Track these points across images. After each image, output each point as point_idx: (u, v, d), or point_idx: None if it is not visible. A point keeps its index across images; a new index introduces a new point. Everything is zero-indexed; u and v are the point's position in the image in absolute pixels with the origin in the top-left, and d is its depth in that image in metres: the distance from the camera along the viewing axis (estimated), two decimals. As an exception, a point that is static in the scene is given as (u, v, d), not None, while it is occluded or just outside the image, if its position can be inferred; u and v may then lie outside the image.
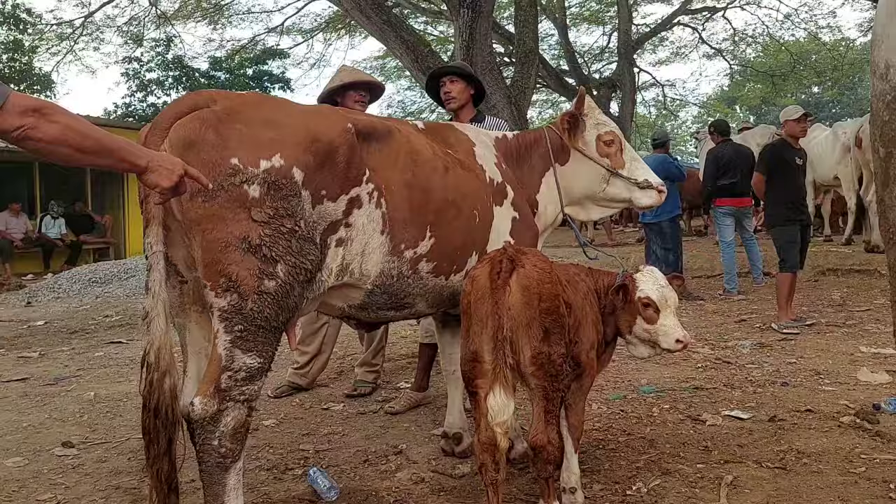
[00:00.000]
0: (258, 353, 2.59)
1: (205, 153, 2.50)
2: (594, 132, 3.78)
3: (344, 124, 2.87)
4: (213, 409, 2.52)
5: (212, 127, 2.54)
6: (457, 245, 3.29)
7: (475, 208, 3.37)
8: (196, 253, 2.55)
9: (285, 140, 2.63)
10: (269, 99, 3.07)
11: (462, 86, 4.79)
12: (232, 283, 2.50)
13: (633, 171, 3.79)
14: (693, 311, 8.19)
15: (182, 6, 25.66)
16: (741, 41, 31.65)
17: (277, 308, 2.60)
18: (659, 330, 3.20)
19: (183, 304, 2.79)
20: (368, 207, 2.89)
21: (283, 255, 2.57)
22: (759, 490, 3.30)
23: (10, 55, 27.99)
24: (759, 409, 4.46)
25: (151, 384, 2.50)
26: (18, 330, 8.96)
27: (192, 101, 2.65)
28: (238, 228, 2.50)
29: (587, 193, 3.85)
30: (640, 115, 35.72)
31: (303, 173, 2.63)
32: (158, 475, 2.54)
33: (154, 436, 2.52)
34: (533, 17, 17.45)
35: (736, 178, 8.95)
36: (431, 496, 3.38)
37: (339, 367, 6.07)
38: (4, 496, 3.54)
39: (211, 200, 2.49)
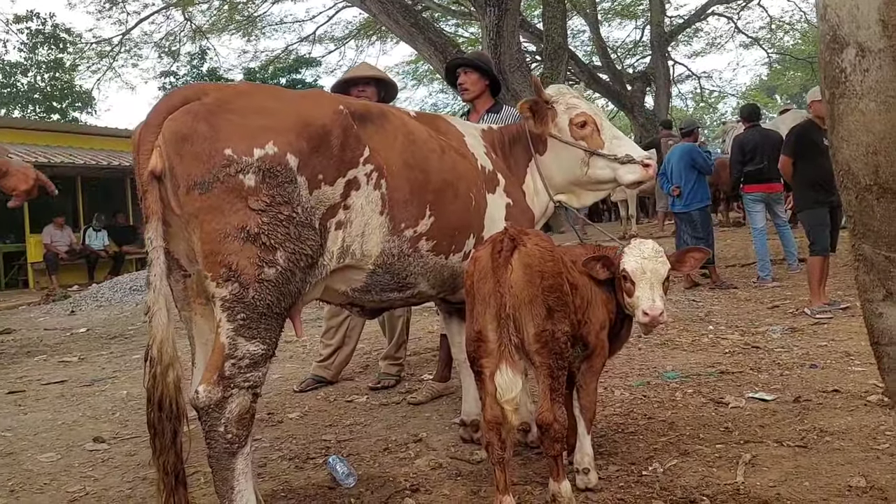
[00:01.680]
0: (261, 339, 2.61)
1: (198, 146, 2.51)
2: (566, 117, 3.71)
3: (335, 107, 2.87)
4: (218, 396, 2.55)
5: (203, 119, 2.54)
6: (455, 225, 3.31)
7: (471, 191, 3.40)
8: (196, 245, 2.58)
9: (278, 127, 2.63)
10: (261, 87, 3.08)
11: (475, 77, 4.82)
12: (232, 272, 2.52)
13: (614, 148, 3.68)
14: (726, 298, 8.09)
15: (216, 20, 26.16)
16: (778, 28, 31.13)
17: (279, 294, 2.62)
18: (633, 303, 3.14)
19: (187, 296, 2.84)
20: (367, 189, 2.90)
21: (282, 242, 2.58)
22: (777, 467, 3.26)
23: (51, 74, 28.84)
24: (784, 391, 4.40)
25: (155, 378, 2.52)
26: (61, 337, 9.25)
27: (183, 96, 2.65)
28: (236, 218, 2.51)
29: (571, 179, 3.79)
30: (677, 108, 35.30)
31: (297, 159, 2.64)
32: (165, 467, 2.56)
33: (159, 429, 2.53)
34: (561, 12, 17.40)
35: (763, 164, 8.78)
36: (448, 481, 3.40)
37: (364, 362, 6.14)
38: (36, 488, 3.66)
39: (208, 192, 2.50)
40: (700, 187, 9.19)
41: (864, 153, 2.03)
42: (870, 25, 1.95)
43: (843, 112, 2.03)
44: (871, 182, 2.04)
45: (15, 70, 28.64)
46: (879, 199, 2.03)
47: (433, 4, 23.39)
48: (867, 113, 2.00)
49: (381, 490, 3.33)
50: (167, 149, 2.53)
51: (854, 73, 1.98)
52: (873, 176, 2.03)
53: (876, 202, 2.04)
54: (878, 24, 1.94)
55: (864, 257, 2.15)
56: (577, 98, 3.77)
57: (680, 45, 31.97)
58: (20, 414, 5.20)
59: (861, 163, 2.05)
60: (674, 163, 9.32)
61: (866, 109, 2.00)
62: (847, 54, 1.99)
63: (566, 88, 3.84)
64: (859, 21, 1.98)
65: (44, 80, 29.02)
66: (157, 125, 2.56)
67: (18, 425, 4.86)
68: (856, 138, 2.03)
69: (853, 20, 1.99)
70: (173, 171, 2.53)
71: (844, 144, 2.06)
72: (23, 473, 3.88)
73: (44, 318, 11.47)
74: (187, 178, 2.51)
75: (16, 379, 6.59)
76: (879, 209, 2.04)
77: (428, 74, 30.86)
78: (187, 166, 2.51)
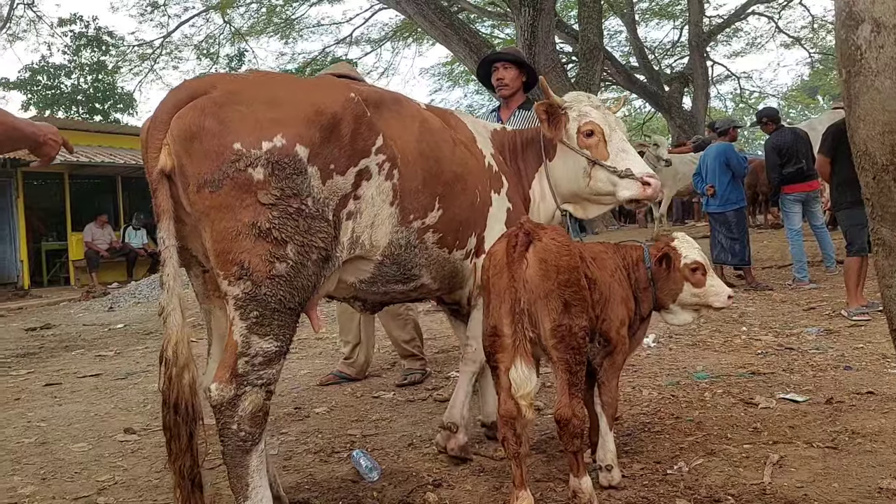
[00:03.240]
0: (274, 336, 2.57)
1: (207, 142, 2.45)
2: (575, 124, 3.60)
3: (347, 94, 2.80)
4: (231, 394, 2.51)
5: (211, 114, 2.48)
6: (461, 219, 3.27)
7: (477, 187, 3.36)
8: (207, 243, 2.53)
9: (287, 117, 2.56)
10: (272, 76, 3.02)
11: (515, 72, 4.79)
12: (245, 270, 2.47)
13: (618, 161, 3.54)
14: (761, 300, 7.96)
15: (255, 23, 26.52)
16: (820, 28, 30.51)
17: (291, 290, 2.57)
18: (709, 291, 3.25)
19: (206, 291, 2.84)
20: (378, 178, 2.84)
21: (291, 236, 2.52)
22: (805, 468, 3.20)
23: (94, 76, 29.41)
24: (816, 393, 4.31)
25: (170, 380, 2.49)
26: (99, 332, 9.44)
27: (192, 89, 2.59)
28: (246, 215, 2.46)
29: (574, 188, 3.68)
30: (716, 109, 34.85)
31: (307, 149, 2.57)
32: (181, 471, 2.51)
33: (175, 432, 2.49)
34: (597, 12, 17.30)
35: (802, 164, 8.61)
36: (471, 476, 3.40)
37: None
38: (67, 477, 3.74)
39: (219, 190, 2.45)
40: (735, 188, 9.05)
41: (881, 132, 1.97)
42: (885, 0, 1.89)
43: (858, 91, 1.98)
44: (888, 162, 1.98)
45: (59, 72, 29.28)
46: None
47: (468, 5, 23.40)
48: (883, 91, 1.94)
49: (403, 484, 3.33)
50: (176, 147, 2.48)
51: (869, 50, 1.93)
52: (890, 156, 1.97)
53: (893, 183, 1.99)
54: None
55: (883, 241, 2.10)
56: (591, 106, 3.64)
57: (719, 45, 31.58)
58: (55, 405, 5.32)
59: (878, 143, 1.99)
60: (709, 162, 9.19)
61: (882, 87, 1.94)
62: (862, 31, 1.93)
63: (584, 96, 3.74)
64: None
65: (87, 82, 29.63)
66: (166, 122, 2.51)
67: (53, 416, 4.97)
68: (872, 117, 1.97)
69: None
70: (183, 169, 2.49)
71: (861, 124, 2.00)
72: (55, 462, 3.96)
73: (83, 314, 11.73)
74: (198, 177, 2.46)
75: (53, 372, 6.75)
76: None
77: (463, 76, 30.89)
78: (197, 164, 2.47)
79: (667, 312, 3.41)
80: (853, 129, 2.06)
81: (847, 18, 1.98)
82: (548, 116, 3.61)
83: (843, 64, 2.02)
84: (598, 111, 3.64)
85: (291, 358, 6.57)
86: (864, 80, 1.96)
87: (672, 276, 3.29)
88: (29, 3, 23.37)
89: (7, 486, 3.64)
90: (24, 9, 23.63)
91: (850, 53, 1.98)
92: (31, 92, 29.21)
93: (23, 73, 28.78)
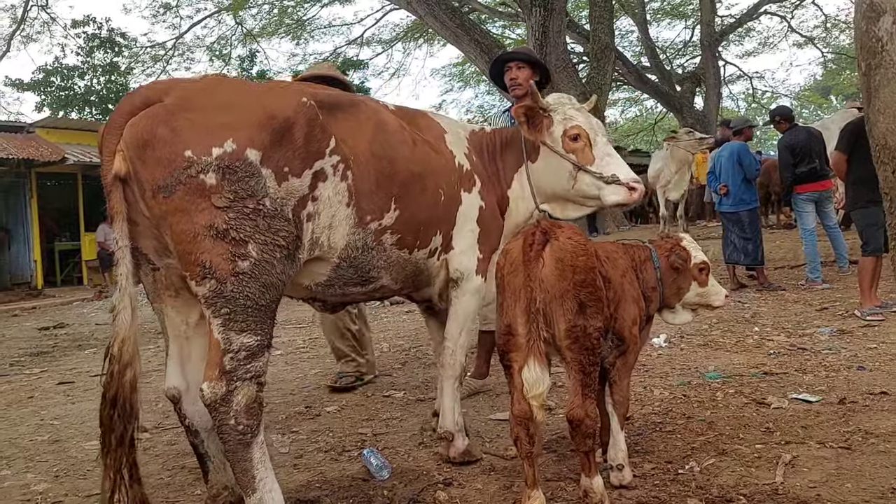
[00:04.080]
0: (252, 331, 2.62)
1: (159, 150, 2.51)
2: (561, 127, 3.59)
3: (299, 98, 2.82)
4: (222, 391, 2.56)
5: (162, 122, 2.53)
6: (421, 219, 3.29)
7: (440, 187, 3.37)
8: (171, 246, 2.60)
9: (238, 123, 2.61)
10: (225, 82, 3.04)
11: (528, 72, 4.76)
12: (207, 269, 2.53)
13: (603, 166, 3.54)
14: (773, 300, 7.92)
15: (266, 24, 26.61)
16: (834, 27, 30.33)
17: (259, 286, 2.61)
18: (710, 290, 3.33)
19: (157, 290, 2.88)
20: (334, 180, 2.88)
21: (251, 235, 2.57)
22: (818, 469, 3.18)
23: (107, 77, 29.56)
24: (829, 393, 4.28)
25: (112, 375, 2.56)
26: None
27: (144, 96, 2.65)
28: (202, 217, 2.51)
29: (557, 190, 3.69)
30: (728, 108, 34.66)
31: (259, 153, 2.61)
32: (114, 464, 2.60)
33: (108, 426, 2.58)
34: (608, 12, 17.24)
35: (815, 163, 8.54)
36: (481, 476, 3.39)
37: (403, 358, 6.17)
38: (80, 474, 3.77)
39: (172, 195, 2.51)
40: (748, 187, 8.99)
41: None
42: None
43: (879, 83, 1.97)
44: None
45: (72, 73, 29.44)
46: None
47: (479, 6, 23.38)
48: None
49: (414, 483, 3.34)
50: (130, 153, 2.54)
51: (891, 42, 1.92)
52: None
53: None
54: None
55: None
56: (576, 110, 3.64)
57: (731, 44, 31.41)
58: (68, 403, 5.36)
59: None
60: (722, 161, 9.15)
61: None
62: (884, 22, 1.93)
63: (566, 98, 3.74)
64: None
65: (100, 83, 29.78)
66: (119, 128, 2.57)
67: (66, 414, 5.01)
68: (893, 110, 1.97)
69: None
70: (137, 175, 2.55)
71: (881, 117, 2.00)
72: (67, 460, 3.99)
73: (96, 314, 11.81)
74: (151, 183, 2.52)
75: (66, 370, 6.80)
76: None
77: (474, 76, 30.88)
78: (150, 171, 2.52)
79: (668, 312, 3.43)
80: (872, 122, 2.06)
81: (868, 10, 1.97)
82: (527, 119, 3.61)
83: (864, 56, 2.02)
84: (582, 115, 3.65)
85: (302, 357, 6.61)
86: (884, 72, 1.96)
87: (682, 276, 3.30)
88: (43, 5, 23.52)
89: (20, 483, 3.67)
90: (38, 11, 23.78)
91: (871, 46, 1.98)
92: (45, 93, 29.40)
93: (36, 74, 28.96)
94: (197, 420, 2.91)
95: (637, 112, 39.10)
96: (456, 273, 3.54)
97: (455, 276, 3.55)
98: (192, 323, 2.91)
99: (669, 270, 3.29)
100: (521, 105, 3.65)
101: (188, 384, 2.89)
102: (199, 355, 2.86)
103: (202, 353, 2.83)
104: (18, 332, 10.07)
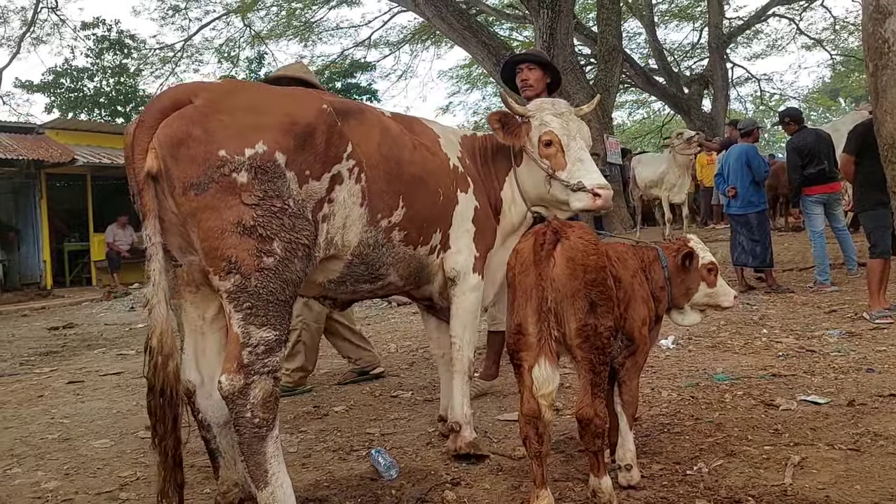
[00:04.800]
0: (271, 326, 2.68)
1: (193, 149, 2.59)
2: (537, 133, 3.66)
3: (320, 105, 2.94)
4: (240, 384, 2.62)
5: (197, 123, 2.62)
6: (424, 216, 3.41)
7: (439, 186, 3.50)
8: (196, 243, 2.66)
9: (266, 125, 2.71)
10: (246, 85, 3.19)
11: (539, 74, 4.82)
12: (233, 264, 2.60)
13: (572, 172, 3.57)
14: (782, 302, 7.90)
15: (275, 26, 26.68)
16: (842, 30, 30.23)
17: (281, 282, 2.69)
18: (719, 291, 3.34)
19: (177, 286, 2.93)
20: (349, 182, 2.99)
21: (277, 233, 2.66)
22: (827, 470, 3.17)
23: (116, 78, 29.68)
24: (838, 395, 4.28)
25: (155, 367, 2.62)
26: (121, 332, 9.55)
27: (174, 97, 2.72)
28: (231, 214, 2.60)
29: (538, 195, 3.77)
30: (736, 111, 34.55)
31: (285, 156, 2.71)
32: (165, 451, 2.67)
33: (160, 416, 2.64)
34: (616, 14, 17.23)
35: (824, 165, 8.51)
36: (489, 475, 3.40)
37: (411, 359, 6.18)
38: (90, 472, 3.79)
39: (204, 192, 2.59)
40: (757, 189, 8.96)
41: None
42: None
43: (886, 84, 2.00)
44: None
45: (82, 75, 29.56)
46: None
47: (487, 8, 23.40)
48: None
49: (422, 483, 3.35)
50: (162, 152, 2.60)
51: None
52: None
53: None
54: None
55: None
56: (553, 114, 3.67)
57: (739, 47, 31.35)
58: (78, 402, 5.39)
59: None
60: (731, 163, 9.12)
61: None
62: (890, 24, 1.96)
63: (548, 103, 3.77)
64: None
65: (109, 85, 29.90)
66: (152, 127, 2.64)
67: (76, 413, 5.03)
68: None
69: None
70: (169, 173, 2.62)
71: (888, 117, 2.03)
72: (77, 458, 4.01)
73: (105, 314, 11.86)
74: (183, 180, 2.59)
75: (76, 370, 6.83)
76: None
77: (482, 78, 30.88)
78: (183, 169, 2.60)
79: (677, 312, 3.44)
80: (880, 122, 2.08)
81: (874, 11, 2.00)
82: (501, 125, 3.69)
83: (871, 57, 2.04)
84: (560, 119, 3.68)
85: (310, 358, 6.60)
86: (891, 72, 1.99)
87: (691, 276, 3.31)
88: (53, 8, 23.62)
89: (31, 480, 3.69)
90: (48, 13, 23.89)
91: (878, 46, 2.01)
92: (55, 94, 29.54)
93: (46, 75, 29.09)
94: (210, 414, 2.97)
95: (644, 114, 39.08)
96: (452, 272, 3.63)
97: (452, 274, 3.64)
98: (209, 318, 2.98)
99: (677, 271, 3.30)
100: (494, 112, 3.76)
101: (203, 378, 2.96)
102: (215, 350, 2.97)
103: (217, 349, 2.94)
104: (28, 332, 10.12)
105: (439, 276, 3.66)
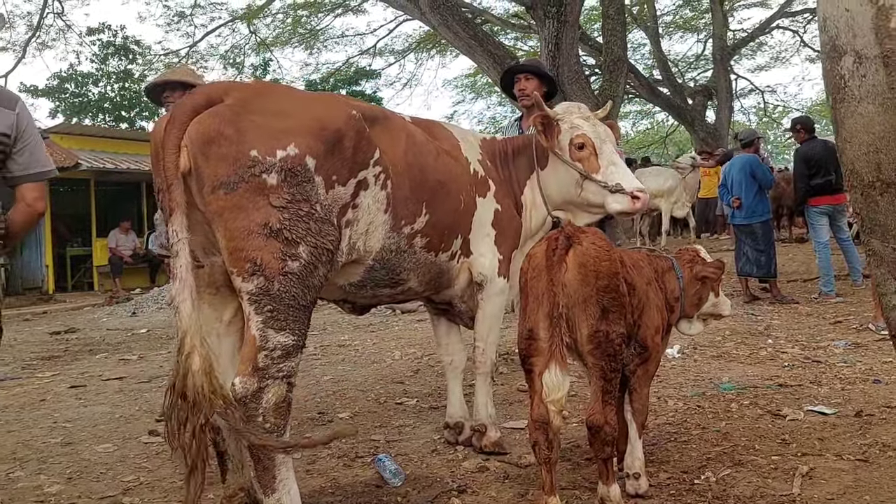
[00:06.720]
0: (290, 331, 2.67)
1: (225, 148, 2.59)
2: (567, 136, 3.69)
3: (349, 111, 2.95)
4: (254, 387, 2.59)
5: (229, 122, 2.62)
6: (446, 223, 3.43)
7: (461, 193, 3.52)
8: (220, 242, 2.65)
9: (297, 129, 2.71)
10: (276, 88, 3.21)
11: (536, 83, 4.90)
12: (257, 266, 2.59)
13: (608, 175, 3.63)
14: (786, 313, 7.88)
15: (280, 33, 26.74)
16: (846, 43, 30.23)
17: (303, 287, 2.68)
18: (721, 300, 3.39)
19: (198, 286, 2.86)
20: (374, 188, 2.99)
21: (303, 237, 2.65)
22: (835, 481, 3.15)
23: (121, 84, 29.76)
24: (845, 405, 4.26)
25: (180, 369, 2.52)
26: (123, 336, 9.54)
27: (207, 96, 2.72)
28: (259, 215, 2.59)
29: (566, 197, 3.79)
30: (740, 122, 34.55)
31: (314, 160, 2.71)
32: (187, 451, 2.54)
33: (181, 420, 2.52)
34: (621, 24, 17.23)
35: (831, 176, 8.50)
36: (495, 483, 3.38)
37: (415, 366, 6.16)
38: (93, 477, 3.77)
39: (233, 192, 2.58)
40: (761, 199, 8.97)
41: (866, 152, 2.17)
42: (865, 34, 2.10)
43: (844, 115, 2.18)
44: (874, 179, 2.17)
45: (87, 80, 29.64)
46: (883, 195, 2.16)
47: (492, 17, 23.43)
48: (866, 115, 2.14)
49: (427, 490, 3.33)
50: (193, 149, 2.60)
51: (852, 79, 2.16)
52: (875, 173, 2.16)
53: (880, 197, 2.17)
54: (871, 31, 2.08)
55: (875, 252, 2.27)
56: (583, 118, 3.72)
57: (743, 58, 31.35)
58: (81, 407, 5.37)
59: (864, 161, 2.19)
60: (734, 174, 9.12)
61: (865, 112, 2.14)
62: (845, 62, 2.16)
63: (575, 107, 3.81)
64: (855, 30, 2.13)
65: (113, 90, 29.98)
66: (183, 124, 2.62)
67: (78, 417, 5.01)
68: (857, 139, 2.20)
69: (850, 30, 2.14)
70: (199, 170, 2.61)
71: (847, 145, 2.21)
72: (80, 462, 3.99)
73: (107, 319, 11.85)
74: (213, 179, 2.59)
75: (78, 374, 6.81)
76: (883, 204, 2.17)
77: (486, 87, 30.92)
78: (213, 167, 2.59)
79: (684, 322, 3.44)
80: (841, 149, 2.29)
81: (831, 51, 2.20)
82: (544, 127, 3.71)
83: (830, 91, 2.24)
84: (589, 123, 3.72)
85: (314, 364, 6.60)
86: (848, 105, 2.17)
87: (704, 286, 3.31)
88: (58, 13, 23.68)
89: (34, 484, 3.67)
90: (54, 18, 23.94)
91: (836, 82, 2.21)
92: (59, 99, 29.62)
93: (51, 80, 29.16)
94: None
95: (648, 125, 39.08)
96: (480, 276, 3.66)
97: (479, 279, 3.67)
98: (226, 321, 2.97)
99: (692, 281, 3.29)
100: (538, 114, 3.74)
101: None
102: (229, 353, 2.94)
103: (232, 352, 2.92)
104: (30, 337, 10.09)
105: (461, 280, 3.67)
